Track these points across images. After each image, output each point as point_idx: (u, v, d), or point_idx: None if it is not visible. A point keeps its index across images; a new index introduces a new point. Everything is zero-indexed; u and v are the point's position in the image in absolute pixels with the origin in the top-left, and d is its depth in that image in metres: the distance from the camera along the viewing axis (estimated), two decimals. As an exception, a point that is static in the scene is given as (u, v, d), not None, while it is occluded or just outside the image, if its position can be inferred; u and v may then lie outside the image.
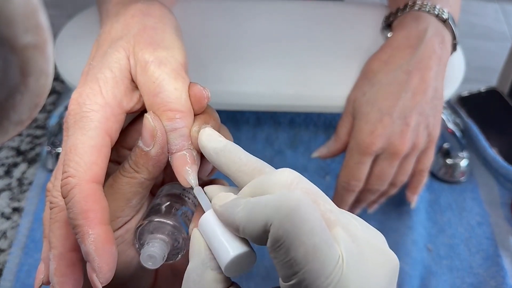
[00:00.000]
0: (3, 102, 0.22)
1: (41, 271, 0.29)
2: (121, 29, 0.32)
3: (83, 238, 0.25)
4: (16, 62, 0.20)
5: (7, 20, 0.18)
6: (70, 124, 0.28)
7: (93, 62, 0.31)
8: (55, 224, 0.28)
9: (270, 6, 0.55)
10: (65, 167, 0.26)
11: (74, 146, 0.27)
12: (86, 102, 0.28)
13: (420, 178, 0.49)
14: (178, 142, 0.28)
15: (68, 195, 0.26)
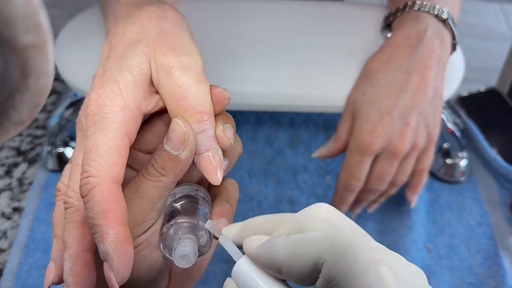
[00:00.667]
0: (3, 102, 0.22)
1: (51, 270, 0.29)
2: (137, 32, 0.32)
3: (102, 237, 0.26)
4: (17, 62, 0.20)
5: (7, 20, 0.18)
6: (89, 124, 0.28)
7: (108, 63, 0.31)
8: (71, 224, 0.28)
9: (270, 6, 0.55)
10: (86, 167, 0.26)
11: (95, 146, 0.27)
12: (106, 104, 0.28)
13: (420, 178, 0.49)
14: (206, 143, 0.29)
15: (89, 194, 0.26)
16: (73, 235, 0.28)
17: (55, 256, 0.30)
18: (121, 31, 0.32)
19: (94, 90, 0.29)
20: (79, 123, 0.30)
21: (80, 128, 0.29)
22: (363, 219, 0.55)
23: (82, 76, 0.48)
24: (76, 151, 0.30)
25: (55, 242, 0.30)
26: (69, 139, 0.59)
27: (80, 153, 0.29)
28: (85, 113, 0.29)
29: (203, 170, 0.29)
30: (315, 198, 0.57)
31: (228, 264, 0.51)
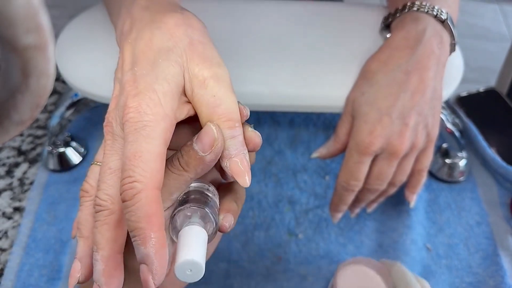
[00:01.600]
0: (4, 102, 0.22)
1: (78, 269, 0.30)
2: (166, 39, 0.32)
3: (144, 241, 0.27)
4: (18, 62, 0.20)
5: (8, 21, 0.18)
6: (129, 131, 0.29)
7: (138, 70, 0.31)
8: (104, 227, 0.29)
9: (270, 6, 0.55)
10: (130, 172, 0.27)
11: (139, 153, 0.28)
12: (147, 112, 0.29)
13: (419, 178, 0.49)
14: (237, 148, 0.31)
15: (133, 198, 0.27)
16: (106, 237, 0.29)
17: (81, 256, 0.31)
18: (148, 37, 0.33)
19: (131, 97, 0.30)
20: (109, 127, 0.31)
21: (110, 132, 0.30)
22: (362, 219, 0.55)
23: (83, 77, 0.48)
24: (106, 154, 0.30)
25: (81, 243, 0.31)
26: (70, 139, 0.59)
27: (113, 157, 0.30)
28: (121, 119, 0.30)
29: (233, 173, 0.30)
30: (314, 198, 0.57)
31: (229, 263, 0.52)
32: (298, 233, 0.54)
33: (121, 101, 0.30)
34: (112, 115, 0.31)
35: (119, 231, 0.29)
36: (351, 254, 0.53)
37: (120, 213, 0.29)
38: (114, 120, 0.31)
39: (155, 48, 0.32)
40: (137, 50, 0.33)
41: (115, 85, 0.33)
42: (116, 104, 0.31)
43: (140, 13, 0.36)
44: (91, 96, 0.48)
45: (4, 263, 0.50)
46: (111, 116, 0.31)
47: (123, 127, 0.29)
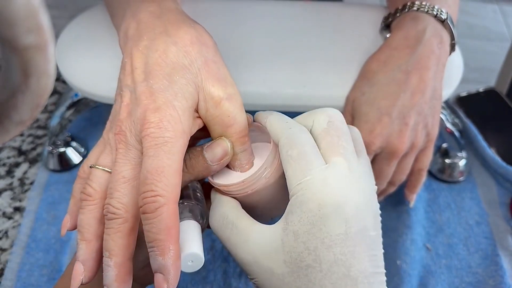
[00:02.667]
0: (5, 102, 0.22)
1: (81, 272, 0.31)
2: (182, 56, 0.33)
3: (162, 252, 0.28)
4: (18, 62, 0.20)
5: (8, 21, 0.18)
6: (149, 145, 0.30)
7: (154, 83, 0.32)
8: (118, 234, 0.30)
9: (270, 7, 0.55)
10: (152, 186, 0.28)
11: (161, 168, 0.29)
12: (168, 128, 0.30)
13: (419, 177, 0.49)
14: (247, 158, 0.34)
15: (155, 212, 0.28)
16: (119, 244, 0.30)
17: (84, 259, 0.31)
18: (162, 49, 0.34)
19: (151, 111, 0.31)
20: (122, 136, 0.31)
21: (122, 141, 0.31)
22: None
23: (83, 77, 0.48)
24: (118, 162, 0.31)
25: (84, 246, 0.31)
26: (70, 139, 0.59)
27: (126, 166, 0.31)
28: (138, 131, 0.31)
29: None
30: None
31: (228, 263, 0.52)
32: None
33: (138, 113, 0.31)
34: (125, 124, 0.32)
35: (131, 238, 0.30)
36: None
37: (133, 221, 0.30)
38: (128, 130, 0.31)
39: (170, 62, 0.33)
40: (151, 61, 0.33)
41: (124, 92, 0.34)
42: (128, 114, 0.32)
43: (150, 20, 0.36)
44: (91, 96, 0.48)
45: (5, 263, 0.50)
46: (125, 126, 0.32)
47: (141, 140, 0.30)
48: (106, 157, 0.33)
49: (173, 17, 0.36)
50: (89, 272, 0.31)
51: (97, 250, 0.32)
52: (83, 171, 0.34)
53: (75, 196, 0.34)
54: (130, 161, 0.31)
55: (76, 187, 0.35)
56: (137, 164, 0.31)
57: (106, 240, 0.30)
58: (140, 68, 0.33)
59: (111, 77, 0.47)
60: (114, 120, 0.33)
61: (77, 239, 0.32)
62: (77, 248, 0.32)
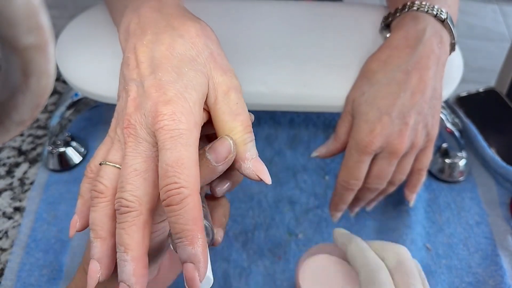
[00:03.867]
0: (5, 102, 0.22)
1: (97, 270, 0.31)
2: (188, 48, 0.34)
3: (192, 241, 0.28)
4: (18, 62, 0.20)
5: (8, 21, 0.18)
6: (165, 138, 0.30)
7: (163, 75, 0.32)
8: (133, 228, 0.30)
9: (269, 6, 0.55)
10: (174, 179, 0.29)
11: (181, 160, 0.29)
12: (181, 120, 0.30)
13: (419, 177, 0.49)
14: (254, 149, 0.33)
15: (181, 203, 0.28)
16: (135, 238, 0.30)
17: (100, 257, 0.31)
18: (168, 42, 0.34)
19: (162, 104, 0.31)
20: (131, 129, 0.31)
21: (132, 134, 0.31)
22: (362, 219, 0.56)
23: (83, 76, 0.48)
24: (128, 156, 0.31)
25: (99, 243, 0.31)
26: (70, 139, 0.59)
27: (137, 159, 0.31)
28: (149, 124, 0.31)
29: (258, 171, 0.33)
30: (314, 197, 0.57)
31: (228, 264, 0.52)
32: (298, 233, 0.54)
33: (148, 106, 0.31)
34: (134, 118, 0.32)
35: (146, 231, 0.30)
36: (351, 254, 0.53)
37: (147, 214, 0.30)
38: (137, 123, 0.31)
39: (177, 54, 0.33)
40: (158, 54, 0.33)
41: (130, 86, 0.33)
42: (136, 107, 0.32)
43: (152, 14, 0.36)
44: (91, 96, 0.48)
45: (5, 263, 0.50)
46: (134, 119, 0.32)
47: (155, 132, 0.30)
48: (115, 153, 0.33)
49: (175, 12, 0.37)
50: (106, 270, 0.31)
51: (112, 247, 0.31)
52: (91, 170, 0.34)
53: (83, 196, 0.34)
54: (140, 154, 0.31)
55: (84, 187, 0.34)
56: (148, 157, 0.31)
57: (120, 235, 0.30)
58: (146, 62, 0.34)
59: (111, 76, 0.47)
60: (121, 116, 0.33)
61: (91, 238, 0.32)
62: (91, 247, 0.32)
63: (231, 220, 0.55)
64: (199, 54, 0.34)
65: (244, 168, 0.33)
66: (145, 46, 0.34)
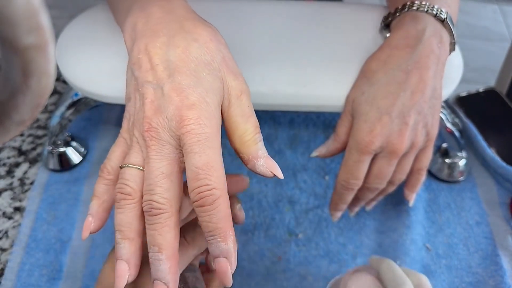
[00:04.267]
0: (5, 102, 0.22)
1: (126, 270, 0.32)
2: (203, 53, 0.35)
3: (225, 238, 0.30)
4: (18, 62, 0.20)
5: (9, 21, 0.18)
6: (192, 142, 0.31)
7: (183, 79, 0.33)
8: (165, 229, 0.31)
9: (269, 6, 0.55)
10: (206, 181, 0.30)
11: (211, 163, 0.31)
12: (206, 124, 0.32)
13: (419, 177, 0.49)
14: (264, 148, 0.35)
15: (214, 204, 0.30)
16: (168, 238, 0.31)
17: (129, 257, 0.32)
18: (184, 45, 0.35)
19: (186, 108, 0.32)
20: (154, 133, 0.32)
21: (155, 138, 0.32)
22: (362, 219, 0.56)
23: (84, 76, 0.48)
24: (153, 159, 0.32)
25: (127, 244, 0.32)
26: (70, 139, 0.59)
27: (162, 162, 0.32)
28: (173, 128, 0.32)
29: (271, 168, 0.34)
30: (314, 197, 0.57)
31: (228, 263, 0.51)
32: (298, 233, 0.54)
33: (170, 110, 0.32)
34: (155, 121, 0.32)
35: (176, 231, 0.32)
36: (351, 254, 0.53)
37: (176, 215, 0.32)
38: (159, 126, 0.32)
39: (194, 58, 0.34)
40: (174, 57, 0.34)
41: (145, 89, 0.34)
42: (156, 110, 0.33)
43: (162, 15, 0.37)
44: (92, 96, 0.48)
45: (5, 263, 0.51)
46: (155, 122, 0.32)
47: (180, 136, 0.31)
48: (136, 155, 0.33)
49: (186, 14, 0.37)
50: (134, 270, 0.32)
51: (139, 248, 0.33)
52: (108, 172, 0.35)
53: (99, 197, 0.35)
54: (165, 156, 0.32)
55: (101, 188, 0.35)
56: (173, 160, 0.32)
57: (152, 236, 0.31)
58: (162, 65, 0.34)
59: (111, 76, 0.47)
60: (137, 118, 0.34)
61: (117, 239, 0.32)
62: (116, 247, 0.32)
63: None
64: (213, 58, 0.35)
65: (258, 166, 0.34)
66: (159, 48, 0.35)
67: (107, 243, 0.52)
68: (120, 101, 0.47)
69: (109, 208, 0.35)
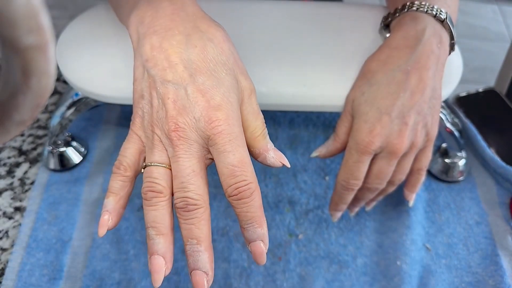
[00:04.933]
0: (5, 102, 0.22)
1: (163, 264, 0.33)
2: (219, 53, 0.36)
3: (261, 224, 0.34)
4: (18, 63, 0.20)
5: (9, 21, 0.18)
6: (225, 142, 0.33)
7: (206, 80, 0.34)
8: (202, 222, 0.33)
9: (269, 6, 0.55)
10: (242, 177, 0.33)
11: (244, 160, 0.33)
12: (234, 124, 0.34)
13: (418, 177, 0.49)
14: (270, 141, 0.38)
15: (251, 196, 0.33)
16: (204, 231, 0.33)
17: (165, 252, 0.34)
18: (201, 45, 0.36)
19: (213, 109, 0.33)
20: (181, 133, 0.33)
21: (183, 137, 0.33)
22: (362, 219, 0.56)
23: (84, 76, 0.48)
24: (183, 158, 0.34)
25: (162, 239, 0.34)
26: (70, 138, 0.59)
27: (192, 160, 0.34)
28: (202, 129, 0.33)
29: (280, 159, 0.37)
30: (315, 198, 0.57)
31: (229, 264, 0.52)
32: (298, 234, 0.54)
33: (197, 111, 0.33)
34: (182, 121, 0.33)
35: (210, 223, 0.34)
36: (351, 254, 0.53)
37: (209, 208, 0.34)
38: (187, 126, 0.33)
39: (212, 59, 0.36)
40: (193, 57, 0.35)
41: (166, 88, 0.34)
42: (180, 110, 0.34)
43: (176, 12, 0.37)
44: (92, 96, 0.48)
45: (5, 263, 0.51)
46: (182, 122, 0.33)
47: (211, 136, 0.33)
48: (161, 154, 0.34)
49: (197, 12, 0.38)
50: (170, 263, 0.34)
51: (172, 242, 0.34)
52: (125, 169, 0.35)
53: (116, 194, 0.35)
54: (193, 155, 0.34)
55: (118, 184, 0.35)
56: (200, 157, 0.34)
57: (190, 230, 0.33)
58: (182, 64, 0.35)
59: (112, 76, 0.47)
60: (157, 117, 0.34)
61: (151, 235, 0.34)
62: (151, 243, 0.34)
63: (231, 220, 0.55)
64: (227, 59, 0.36)
65: (268, 158, 0.37)
66: (176, 46, 0.35)
67: (108, 243, 0.52)
68: (121, 101, 0.48)
69: (125, 205, 0.36)
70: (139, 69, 0.37)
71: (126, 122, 0.65)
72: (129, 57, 0.47)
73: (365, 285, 0.51)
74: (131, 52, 0.39)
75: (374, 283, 0.51)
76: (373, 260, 0.52)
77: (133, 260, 0.51)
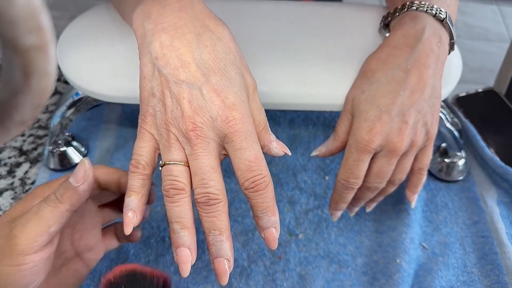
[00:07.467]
0: (6, 103, 0.22)
1: (189, 255, 0.35)
2: (227, 52, 0.37)
3: (273, 212, 0.36)
4: (19, 63, 0.20)
5: (10, 22, 0.18)
6: (241, 139, 0.35)
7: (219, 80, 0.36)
8: (223, 214, 0.35)
9: (269, 6, 0.55)
10: (258, 171, 0.35)
11: (258, 156, 0.36)
12: (248, 122, 0.36)
13: (420, 177, 0.49)
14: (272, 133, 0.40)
15: (266, 188, 0.35)
16: (225, 222, 0.35)
17: (190, 244, 0.35)
18: (211, 45, 0.36)
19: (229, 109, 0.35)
20: (199, 131, 0.34)
21: (200, 136, 0.35)
22: (362, 219, 0.56)
23: (85, 76, 0.48)
24: (201, 156, 0.35)
25: (187, 232, 0.35)
26: (71, 138, 0.59)
27: (210, 158, 0.35)
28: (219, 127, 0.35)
29: (282, 148, 0.40)
30: (314, 198, 0.57)
31: (228, 262, 0.51)
32: (298, 233, 0.54)
33: (214, 110, 0.35)
34: (199, 120, 0.34)
35: (228, 215, 0.36)
36: (351, 254, 0.53)
37: (227, 201, 0.36)
38: (204, 125, 0.35)
39: (221, 58, 0.37)
40: (204, 56, 0.36)
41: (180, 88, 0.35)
42: (196, 110, 0.35)
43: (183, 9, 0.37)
44: (93, 95, 0.48)
45: (6, 263, 0.51)
46: (199, 121, 0.34)
47: (228, 135, 0.35)
48: (179, 152, 0.36)
49: (204, 10, 0.38)
50: (195, 254, 0.36)
51: (195, 235, 0.36)
52: (143, 167, 0.36)
53: (138, 192, 0.36)
54: (210, 152, 0.35)
55: (138, 183, 0.36)
56: (216, 155, 0.36)
57: (212, 222, 0.35)
58: (194, 63, 0.35)
59: (112, 75, 0.47)
60: (172, 116, 0.35)
61: (175, 229, 0.35)
62: (176, 237, 0.35)
63: (232, 220, 0.55)
64: (235, 58, 0.37)
65: (272, 149, 0.39)
66: (187, 45, 0.36)
67: (108, 242, 0.53)
68: (121, 100, 0.48)
69: (146, 202, 0.37)
70: (148, 66, 0.37)
71: (127, 122, 0.65)
72: (130, 57, 0.48)
73: (365, 284, 0.51)
74: (131, 51, 0.40)
75: (374, 283, 0.51)
76: (373, 260, 0.53)
77: (133, 260, 0.51)
